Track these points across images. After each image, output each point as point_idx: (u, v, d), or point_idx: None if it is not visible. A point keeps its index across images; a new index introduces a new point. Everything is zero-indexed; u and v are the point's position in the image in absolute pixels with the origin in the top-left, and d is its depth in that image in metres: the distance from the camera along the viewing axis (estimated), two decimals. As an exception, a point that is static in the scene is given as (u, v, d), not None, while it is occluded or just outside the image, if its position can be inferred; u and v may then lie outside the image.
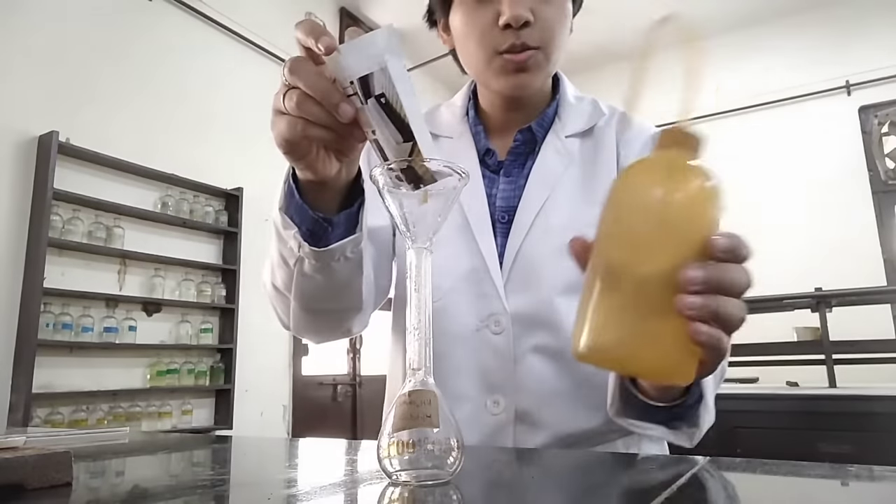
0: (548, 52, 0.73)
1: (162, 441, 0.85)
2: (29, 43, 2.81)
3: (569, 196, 0.76)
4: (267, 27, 3.99)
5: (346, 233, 0.59)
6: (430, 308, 0.44)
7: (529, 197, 0.76)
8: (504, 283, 0.73)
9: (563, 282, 0.72)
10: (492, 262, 0.73)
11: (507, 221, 0.76)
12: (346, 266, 0.61)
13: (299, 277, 0.61)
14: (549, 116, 0.81)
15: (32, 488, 0.40)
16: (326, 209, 0.59)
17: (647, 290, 0.37)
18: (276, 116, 0.50)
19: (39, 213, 2.71)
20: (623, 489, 0.45)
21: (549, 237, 0.73)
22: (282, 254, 0.61)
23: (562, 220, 0.74)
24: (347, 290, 0.65)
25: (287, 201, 0.58)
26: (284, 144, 0.51)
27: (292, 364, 4.04)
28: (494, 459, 0.57)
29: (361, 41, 0.44)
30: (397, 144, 0.46)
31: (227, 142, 3.66)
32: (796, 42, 4.73)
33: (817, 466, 0.45)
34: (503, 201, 0.77)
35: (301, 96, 0.46)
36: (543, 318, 0.72)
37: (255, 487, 0.44)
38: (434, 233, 0.44)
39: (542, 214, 0.74)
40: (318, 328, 0.72)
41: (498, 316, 0.72)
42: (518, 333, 0.72)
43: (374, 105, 0.45)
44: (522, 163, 0.79)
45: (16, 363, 2.62)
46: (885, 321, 3.65)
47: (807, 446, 1.76)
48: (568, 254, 0.69)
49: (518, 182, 0.78)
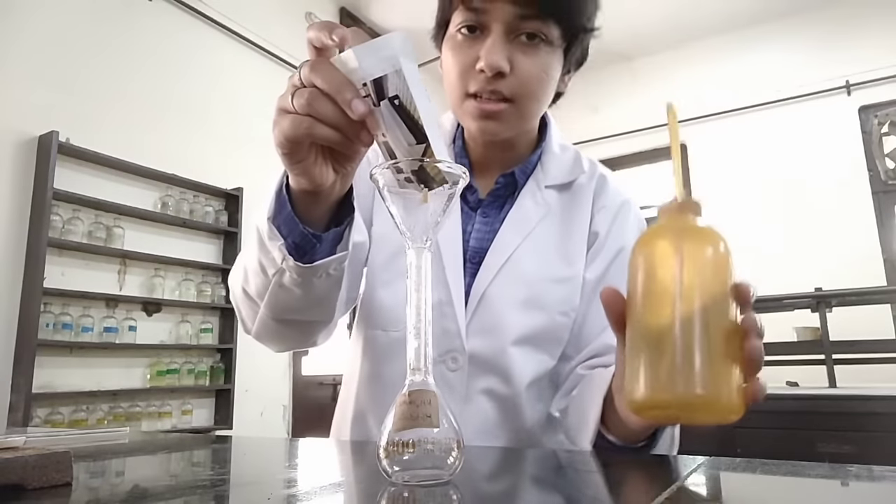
0: (520, 106, 0.71)
1: (162, 441, 0.85)
2: (29, 43, 2.81)
3: (540, 247, 0.76)
4: (268, 27, 3.99)
5: (331, 250, 0.59)
6: (430, 308, 0.44)
7: (502, 241, 0.76)
8: (466, 322, 0.73)
9: (521, 332, 0.73)
10: (457, 300, 0.73)
11: (477, 262, 0.76)
12: (326, 282, 0.60)
13: (276, 288, 0.60)
14: (533, 163, 0.81)
15: (32, 488, 0.40)
16: (315, 224, 0.58)
17: (693, 342, 0.39)
18: (281, 115, 0.49)
19: (39, 213, 2.71)
20: (623, 489, 0.45)
21: (514, 285, 0.74)
22: (261, 262, 0.60)
23: (530, 270, 0.75)
24: (323, 304, 0.65)
25: (277, 211, 0.57)
26: (286, 144, 0.49)
27: (292, 364, 4.04)
28: (494, 459, 0.57)
29: (376, 43, 0.44)
30: (409, 146, 0.46)
31: (228, 142, 3.66)
32: (796, 42, 4.72)
33: (817, 466, 0.45)
34: (476, 241, 0.78)
35: (313, 94, 0.46)
36: (497, 364, 0.73)
37: (255, 487, 0.44)
38: (434, 233, 0.44)
39: (511, 261, 0.75)
40: (283, 338, 0.71)
41: (456, 353, 0.73)
42: (472, 373, 0.73)
43: (388, 107, 0.45)
44: (500, 205, 0.80)
45: (16, 363, 2.62)
46: (885, 321, 3.65)
47: (807, 446, 1.76)
48: (534, 305, 0.70)
49: (493, 225, 0.78)
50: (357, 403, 0.79)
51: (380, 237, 0.78)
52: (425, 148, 0.46)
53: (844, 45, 4.54)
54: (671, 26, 4.88)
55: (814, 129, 4.55)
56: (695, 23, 4.85)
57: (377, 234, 0.78)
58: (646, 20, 4.73)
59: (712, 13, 4.75)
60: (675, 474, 0.45)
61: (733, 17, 4.77)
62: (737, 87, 4.80)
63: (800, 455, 1.77)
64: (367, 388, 0.78)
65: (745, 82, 4.79)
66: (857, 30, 4.52)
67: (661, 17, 4.77)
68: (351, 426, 0.79)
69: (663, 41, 5.00)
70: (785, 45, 4.75)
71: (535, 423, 0.75)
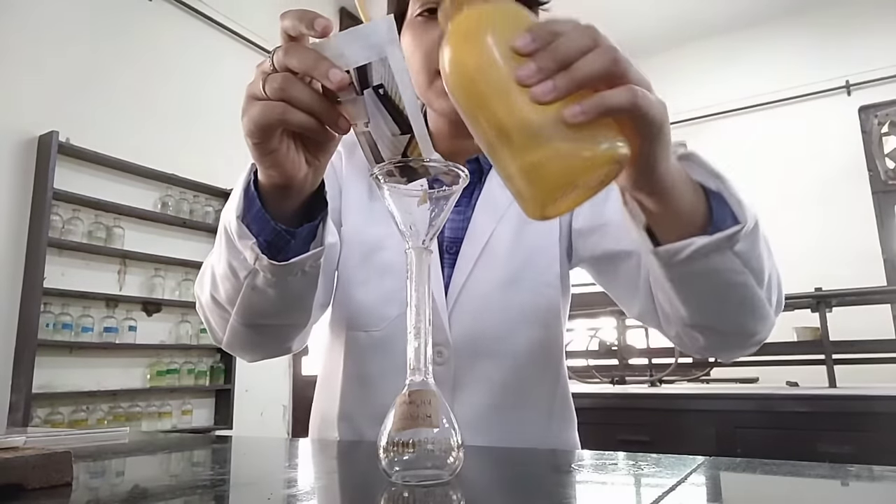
0: None
1: (162, 441, 0.85)
2: (29, 43, 2.81)
3: (513, 226, 0.76)
4: (267, 27, 3.99)
5: (305, 247, 0.56)
6: (430, 308, 0.44)
7: (475, 228, 0.76)
8: (448, 314, 0.73)
9: (507, 313, 0.73)
10: (438, 293, 0.73)
11: (455, 252, 0.76)
12: (301, 281, 0.58)
13: (248, 291, 0.57)
14: None
15: (32, 488, 0.40)
16: (286, 221, 0.55)
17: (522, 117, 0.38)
18: (250, 103, 0.46)
19: (39, 213, 2.71)
20: (623, 489, 0.45)
21: (494, 269, 0.74)
22: (231, 265, 0.57)
23: (506, 250, 0.75)
24: (298, 305, 0.63)
25: (246, 209, 0.54)
26: (256, 132, 0.47)
27: (292, 364, 4.04)
28: (494, 459, 0.57)
29: (361, 30, 0.43)
30: (393, 136, 0.45)
31: (228, 142, 3.65)
32: (796, 42, 4.72)
33: (817, 466, 0.45)
34: (451, 231, 0.77)
35: (287, 78, 0.44)
36: (486, 349, 0.73)
37: (255, 487, 0.44)
38: (434, 232, 0.44)
39: (488, 246, 0.75)
40: (256, 345, 0.68)
41: (441, 347, 0.72)
42: (459, 364, 0.72)
43: (371, 95, 0.44)
44: (470, 193, 0.79)
45: (16, 363, 2.62)
46: (885, 321, 3.64)
47: (807, 446, 1.76)
48: (516, 283, 0.67)
49: (465, 213, 0.78)
50: (343, 404, 0.78)
51: (350, 237, 0.77)
52: (409, 138, 0.45)
53: (844, 45, 4.54)
54: (671, 26, 4.88)
55: (814, 129, 4.55)
56: (695, 23, 4.85)
57: (347, 234, 0.77)
58: (646, 20, 4.73)
59: (712, 13, 4.75)
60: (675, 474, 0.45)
61: (733, 17, 4.77)
62: (737, 87, 4.80)
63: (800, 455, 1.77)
64: (353, 388, 0.78)
65: (746, 82, 4.79)
66: (857, 30, 4.52)
67: (661, 18, 4.77)
68: (338, 426, 0.78)
69: (663, 41, 4.99)
70: (785, 45, 4.75)
71: (532, 409, 0.75)
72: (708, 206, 0.53)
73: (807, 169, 4.47)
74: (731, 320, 0.60)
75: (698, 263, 0.52)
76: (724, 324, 0.60)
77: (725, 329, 0.61)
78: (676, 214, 0.51)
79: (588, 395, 2.14)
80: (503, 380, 0.73)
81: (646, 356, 2.55)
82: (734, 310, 0.58)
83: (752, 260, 0.54)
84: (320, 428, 0.83)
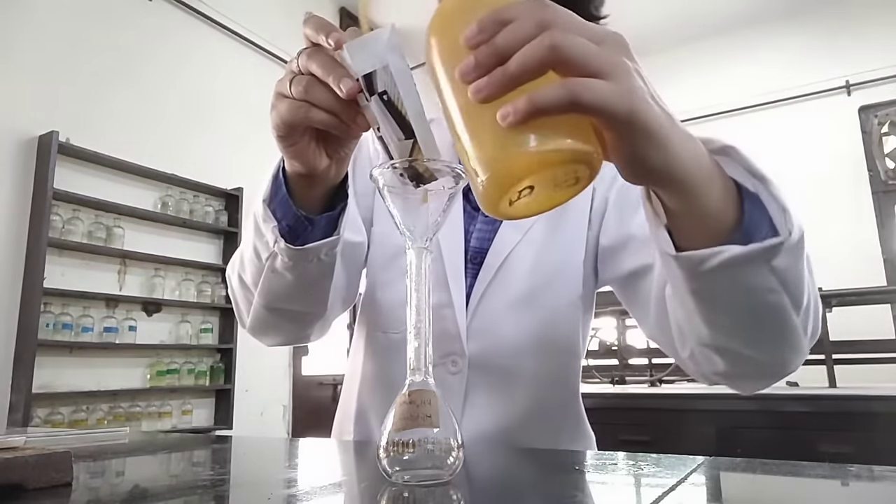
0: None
1: (162, 441, 0.85)
2: (29, 43, 2.81)
3: (538, 241, 0.75)
4: (267, 27, 4.00)
5: (324, 235, 0.59)
6: (430, 308, 0.44)
7: (501, 240, 0.75)
8: (467, 325, 0.73)
9: (521, 333, 0.73)
10: (458, 303, 0.73)
11: (479, 263, 0.75)
12: (318, 268, 0.60)
13: (269, 273, 0.61)
14: None
15: (32, 488, 0.40)
16: (310, 209, 0.58)
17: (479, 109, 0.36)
18: (278, 99, 0.49)
19: (39, 213, 2.71)
20: (623, 489, 0.45)
21: (513, 284, 0.73)
22: (256, 247, 0.61)
23: (528, 267, 0.74)
24: (315, 292, 0.65)
25: (272, 194, 0.58)
26: (282, 127, 0.50)
27: (292, 364, 4.04)
28: (494, 459, 0.57)
29: (364, 40, 0.45)
30: (399, 141, 0.46)
31: (227, 142, 3.66)
32: (796, 42, 4.73)
33: (817, 466, 0.45)
34: (477, 242, 0.77)
35: (310, 81, 0.47)
36: (498, 366, 0.72)
37: (255, 487, 0.44)
38: (434, 232, 0.44)
39: (509, 260, 0.74)
40: (277, 329, 0.71)
41: (456, 357, 0.72)
42: (472, 377, 0.72)
43: (377, 102, 0.45)
44: None
45: (16, 363, 2.62)
46: (885, 321, 3.64)
47: (807, 446, 1.76)
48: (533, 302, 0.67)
49: (494, 224, 0.77)
50: (359, 403, 0.79)
51: (380, 238, 0.78)
52: (413, 143, 0.46)
53: (844, 45, 4.54)
54: (671, 27, 4.89)
55: (814, 129, 4.55)
56: (695, 23, 4.85)
57: (377, 235, 0.78)
58: (646, 20, 4.73)
59: (712, 13, 4.75)
60: (675, 474, 0.45)
61: (733, 17, 4.77)
62: (737, 86, 4.80)
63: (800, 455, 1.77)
64: (369, 388, 0.78)
65: (746, 82, 4.80)
66: (857, 30, 4.52)
67: (661, 18, 4.77)
68: (354, 425, 0.79)
69: (663, 41, 4.99)
70: (785, 45, 4.75)
71: (538, 429, 0.74)
72: (741, 208, 0.45)
73: (807, 169, 4.47)
74: (757, 346, 0.52)
75: (727, 276, 0.45)
76: (749, 349, 0.53)
77: (749, 355, 0.53)
78: (701, 216, 0.44)
79: (588, 395, 2.12)
80: (513, 402, 0.72)
81: (646, 356, 2.55)
82: (763, 335, 0.51)
83: (790, 279, 0.46)
84: (339, 428, 0.83)
